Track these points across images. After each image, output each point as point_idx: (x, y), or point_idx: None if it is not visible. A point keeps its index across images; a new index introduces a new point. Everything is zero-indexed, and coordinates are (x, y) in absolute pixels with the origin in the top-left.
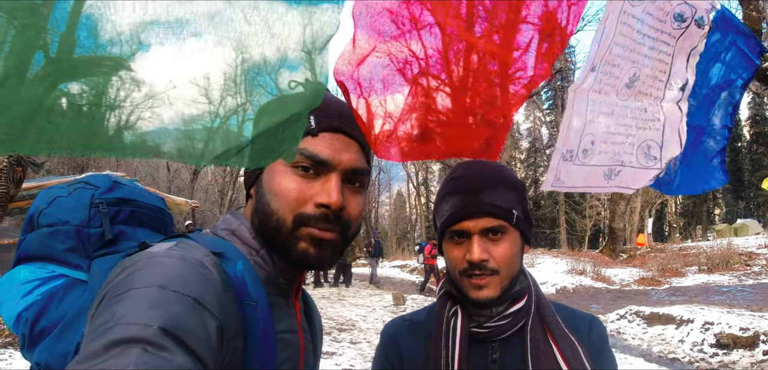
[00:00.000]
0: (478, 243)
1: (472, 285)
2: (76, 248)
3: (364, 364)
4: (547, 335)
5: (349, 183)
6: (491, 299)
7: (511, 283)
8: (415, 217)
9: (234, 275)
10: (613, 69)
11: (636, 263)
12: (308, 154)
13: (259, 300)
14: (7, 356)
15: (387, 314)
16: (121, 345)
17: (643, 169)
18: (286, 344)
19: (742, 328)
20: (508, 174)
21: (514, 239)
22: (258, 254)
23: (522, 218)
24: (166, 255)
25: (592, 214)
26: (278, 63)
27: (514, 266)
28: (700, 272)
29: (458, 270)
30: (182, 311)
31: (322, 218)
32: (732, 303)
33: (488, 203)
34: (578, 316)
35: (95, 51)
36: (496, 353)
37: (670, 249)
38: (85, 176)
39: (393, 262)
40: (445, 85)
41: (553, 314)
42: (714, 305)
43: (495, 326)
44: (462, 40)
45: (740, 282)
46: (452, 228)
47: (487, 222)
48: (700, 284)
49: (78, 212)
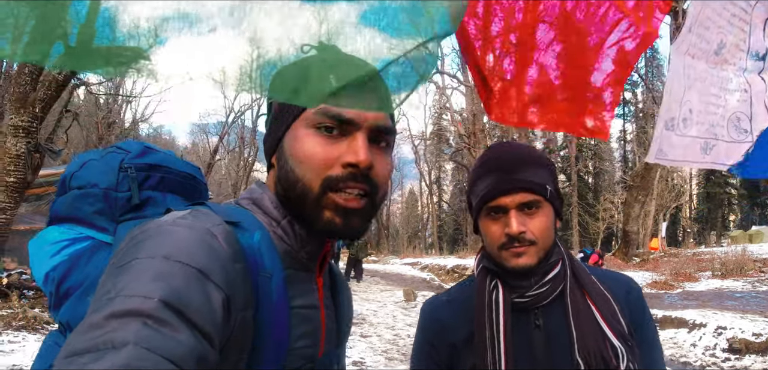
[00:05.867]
0: (515, 217)
1: (511, 255)
2: (104, 211)
3: (374, 357)
4: (585, 296)
5: (375, 143)
6: (529, 266)
7: (546, 254)
8: (427, 216)
9: (249, 245)
10: (705, 32)
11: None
12: (332, 113)
13: (274, 272)
14: (20, 338)
15: (398, 310)
16: (121, 318)
17: (735, 143)
18: (303, 320)
19: (755, 333)
20: (539, 153)
21: (548, 212)
22: (279, 224)
23: (554, 193)
24: (174, 224)
25: (605, 217)
26: (294, 58)
27: (549, 237)
28: (714, 277)
29: (497, 244)
30: (185, 284)
31: (350, 178)
32: (745, 309)
33: (523, 179)
34: (614, 277)
35: (113, 42)
36: (539, 319)
37: (684, 254)
38: (118, 142)
39: (404, 259)
40: (571, 54)
41: (588, 276)
42: (727, 310)
43: (536, 293)
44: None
45: (754, 288)
46: (490, 204)
47: (523, 197)
48: (713, 289)
49: (107, 175)
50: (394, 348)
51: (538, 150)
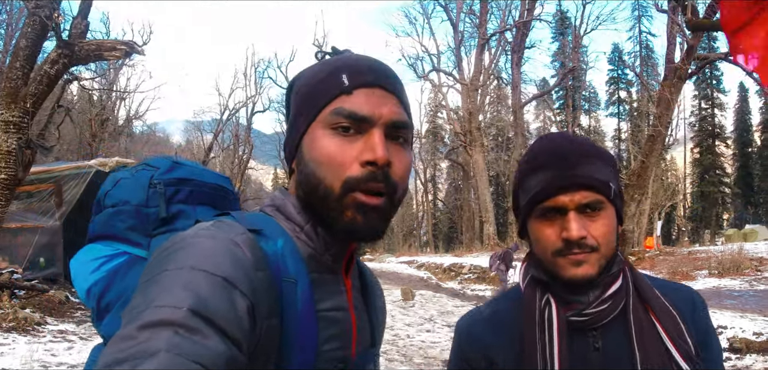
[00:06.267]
0: (575, 219)
1: (569, 263)
2: (137, 227)
3: None
4: (648, 312)
5: (392, 139)
6: (589, 277)
7: (608, 263)
8: (422, 214)
9: (272, 252)
10: None
11: (645, 266)
12: (347, 113)
13: (298, 277)
14: (10, 341)
15: (396, 309)
16: (153, 328)
17: None
18: (331, 322)
19: (756, 333)
20: (600, 147)
21: (611, 214)
22: (302, 230)
23: (617, 192)
24: (198, 235)
25: None
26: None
27: (611, 243)
28: (711, 276)
29: (551, 250)
30: (212, 292)
31: (369, 177)
32: (744, 308)
33: (585, 175)
34: (678, 290)
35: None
36: (598, 341)
37: (679, 252)
38: (147, 158)
39: (400, 257)
40: None
41: (651, 288)
42: (726, 309)
43: (595, 312)
44: None
45: (752, 287)
46: (544, 204)
47: (584, 196)
48: (711, 287)
49: (137, 192)
50: (394, 349)
51: (598, 144)
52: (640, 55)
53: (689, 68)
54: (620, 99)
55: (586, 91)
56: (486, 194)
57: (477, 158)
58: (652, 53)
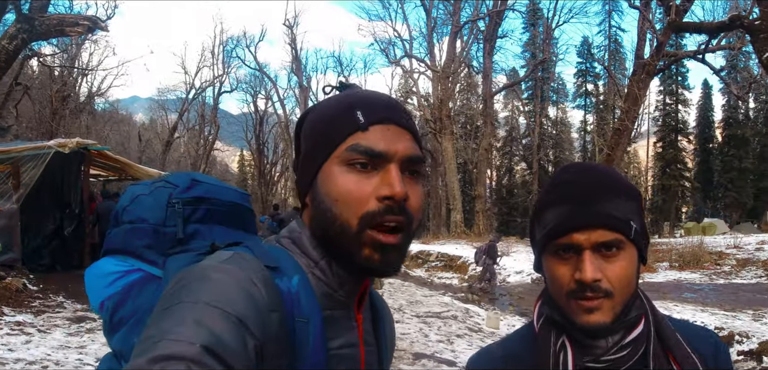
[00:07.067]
0: (590, 260)
1: (581, 308)
2: (153, 245)
3: None
4: (669, 359)
5: (407, 173)
6: (603, 325)
7: (625, 308)
8: None
9: (287, 291)
10: None
11: None
12: (362, 149)
13: (311, 315)
14: None
15: None
16: (166, 361)
17: None
18: (341, 360)
19: (717, 327)
20: (625, 180)
21: (631, 256)
22: (317, 265)
23: (640, 231)
24: (216, 270)
25: None
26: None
27: (630, 287)
28: (672, 269)
29: (565, 291)
30: (226, 330)
31: (387, 211)
32: (705, 302)
33: (603, 212)
34: (700, 335)
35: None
36: None
37: None
38: (166, 175)
39: None
40: None
41: (674, 333)
42: (687, 303)
43: (613, 358)
44: None
45: (711, 281)
46: (559, 241)
47: (602, 235)
48: (672, 280)
49: (155, 211)
50: None
51: (624, 176)
52: (609, 50)
53: (658, 64)
54: (588, 91)
55: (554, 82)
56: (454, 181)
57: (446, 146)
58: (620, 48)
